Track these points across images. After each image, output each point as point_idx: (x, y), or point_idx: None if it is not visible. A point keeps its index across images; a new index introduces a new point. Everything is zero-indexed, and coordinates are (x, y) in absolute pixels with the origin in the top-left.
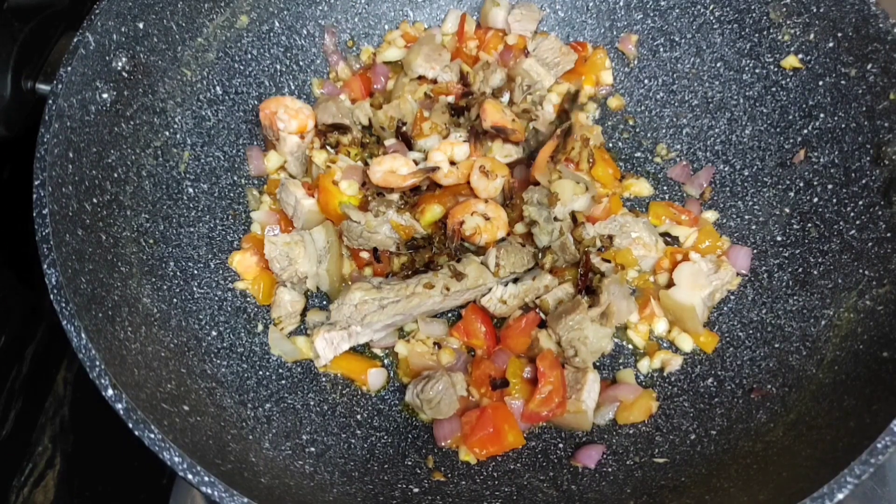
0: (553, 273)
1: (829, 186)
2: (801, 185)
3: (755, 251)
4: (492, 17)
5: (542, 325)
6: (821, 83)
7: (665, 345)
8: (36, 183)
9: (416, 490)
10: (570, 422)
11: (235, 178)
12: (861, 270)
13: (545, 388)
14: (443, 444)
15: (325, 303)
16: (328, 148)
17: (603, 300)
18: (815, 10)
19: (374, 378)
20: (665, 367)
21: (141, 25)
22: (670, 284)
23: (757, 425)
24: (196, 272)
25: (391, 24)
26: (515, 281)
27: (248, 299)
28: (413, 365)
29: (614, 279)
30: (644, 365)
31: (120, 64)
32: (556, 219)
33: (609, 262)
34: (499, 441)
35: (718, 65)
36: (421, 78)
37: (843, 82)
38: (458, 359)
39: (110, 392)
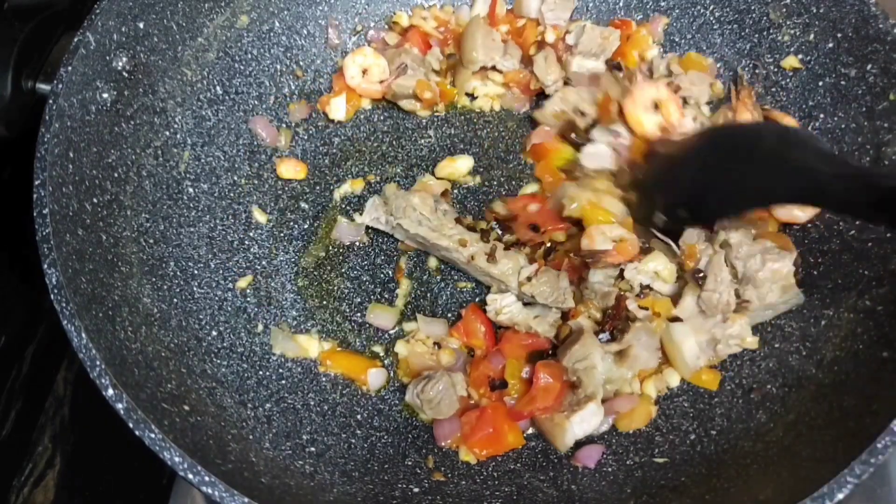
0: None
1: None
2: None
3: None
4: (525, 6)
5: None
6: (821, 83)
7: None
8: (36, 183)
9: (416, 490)
10: (549, 430)
11: (235, 178)
12: (861, 270)
13: (533, 392)
14: (443, 444)
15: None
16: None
17: (626, 340)
18: (815, 11)
19: (374, 378)
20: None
21: (141, 25)
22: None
23: (757, 425)
24: (196, 272)
25: None
26: (529, 304)
27: (248, 299)
28: (413, 365)
29: (647, 326)
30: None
31: (120, 64)
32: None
33: (646, 308)
34: (499, 441)
35: (718, 65)
36: (482, 69)
37: (842, 83)
38: (458, 359)
39: (110, 392)
